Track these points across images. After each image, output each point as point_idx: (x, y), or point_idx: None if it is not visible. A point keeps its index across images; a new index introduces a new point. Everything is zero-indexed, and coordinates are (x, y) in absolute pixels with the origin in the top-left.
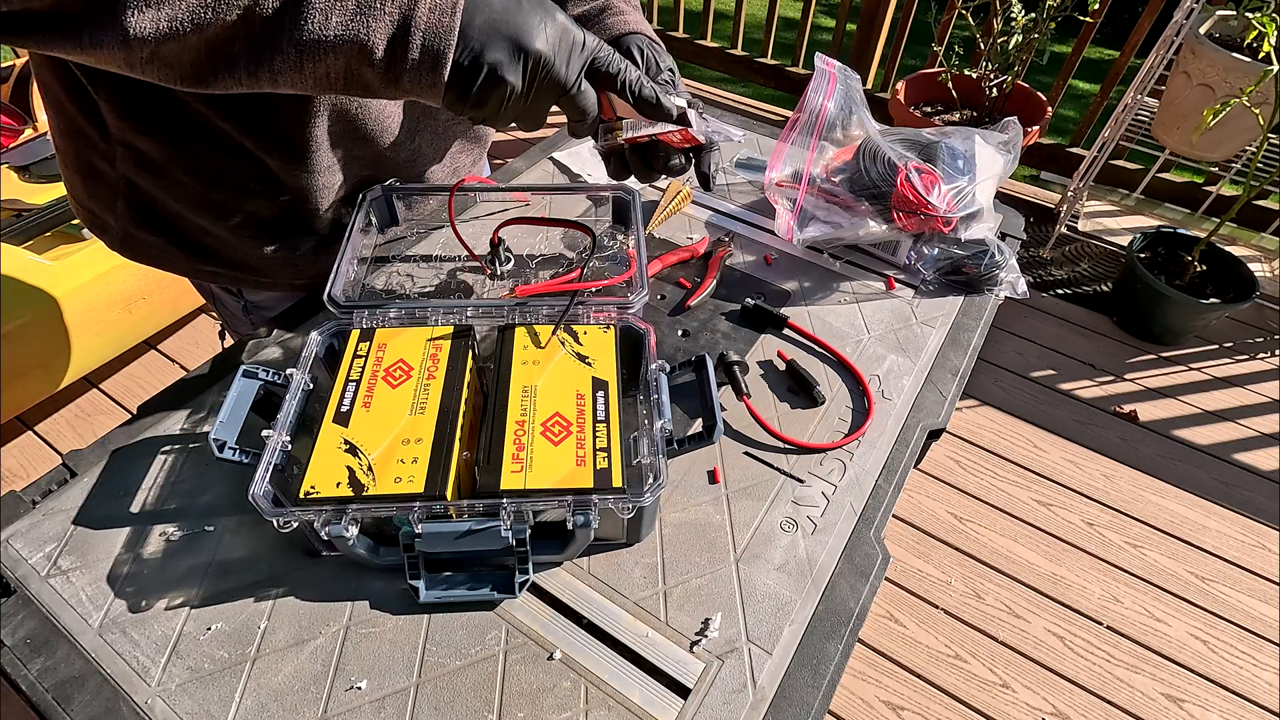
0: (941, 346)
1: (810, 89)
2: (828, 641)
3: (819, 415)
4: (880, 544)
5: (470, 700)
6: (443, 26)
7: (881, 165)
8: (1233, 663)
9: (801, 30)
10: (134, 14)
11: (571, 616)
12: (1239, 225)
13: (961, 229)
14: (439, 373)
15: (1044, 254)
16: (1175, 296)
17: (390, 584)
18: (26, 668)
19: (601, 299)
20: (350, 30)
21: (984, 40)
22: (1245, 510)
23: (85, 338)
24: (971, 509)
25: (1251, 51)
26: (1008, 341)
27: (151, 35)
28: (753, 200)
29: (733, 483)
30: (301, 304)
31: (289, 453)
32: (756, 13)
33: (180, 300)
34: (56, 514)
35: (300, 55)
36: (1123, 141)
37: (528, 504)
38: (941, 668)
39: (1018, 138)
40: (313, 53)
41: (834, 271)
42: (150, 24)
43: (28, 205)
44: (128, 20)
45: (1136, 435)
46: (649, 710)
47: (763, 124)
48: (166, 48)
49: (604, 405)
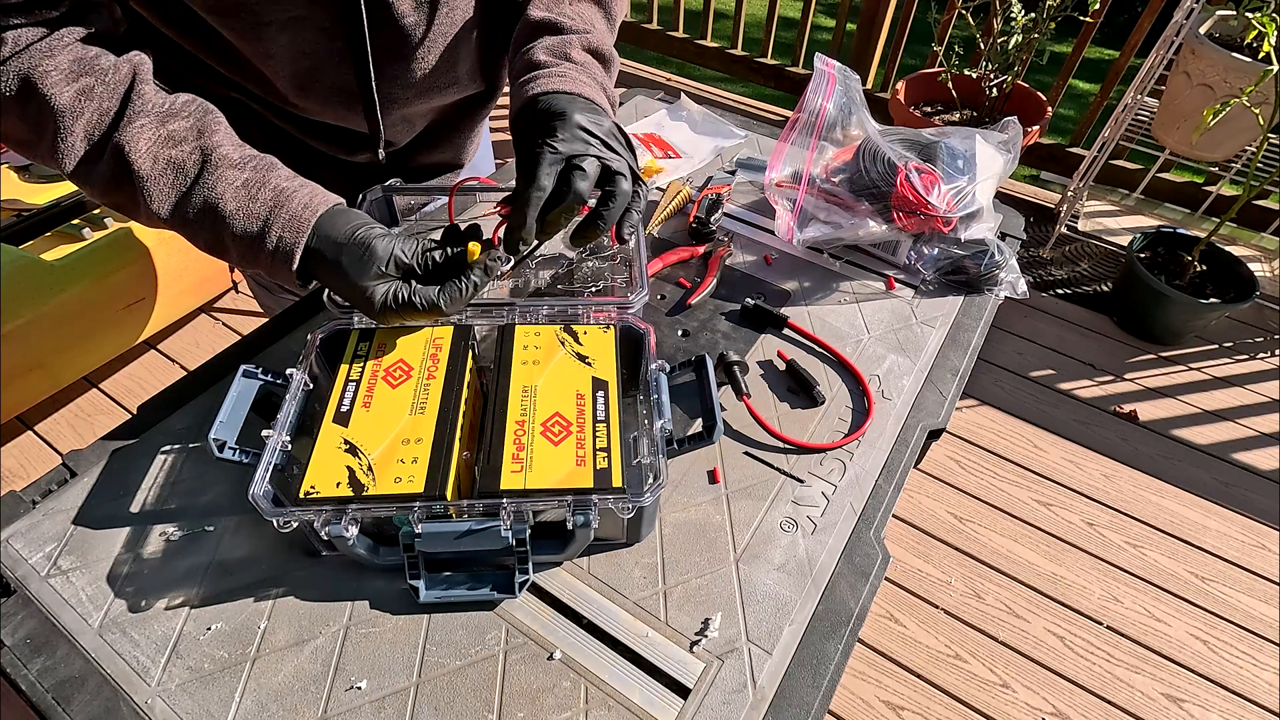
0: (941, 346)
1: (810, 89)
2: (828, 641)
3: (819, 415)
4: (880, 544)
5: (470, 700)
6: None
7: (881, 165)
8: (1233, 663)
9: (801, 30)
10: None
11: (571, 616)
12: (1239, 225)
13: (961, 229)
14: (439, 373)
15: (1044, 254)
16: (1175, 296)
17: (390, 584)
18: (26, 668)
19: (602, 299)
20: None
21: (984, 40)
22: (1245, 510)
23: (85, 338)
24: (971, 509)
25: (1251, 51)
26: (1008, 341)
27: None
28: (753, 200)
29: (733, 483)
30: (302, 304)
31: (289, 453)
32: (756, 12)
33: (180, 300)
34: (56, 514)
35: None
36: (1123, 141)
37: (528, 504)
38: (941, 668)
39: (1018, 138)
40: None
41: (834, 271)
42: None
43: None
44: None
45: (1136, 435)
46: (649, 710)
47: (763, 124)
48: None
49: (604, 405)
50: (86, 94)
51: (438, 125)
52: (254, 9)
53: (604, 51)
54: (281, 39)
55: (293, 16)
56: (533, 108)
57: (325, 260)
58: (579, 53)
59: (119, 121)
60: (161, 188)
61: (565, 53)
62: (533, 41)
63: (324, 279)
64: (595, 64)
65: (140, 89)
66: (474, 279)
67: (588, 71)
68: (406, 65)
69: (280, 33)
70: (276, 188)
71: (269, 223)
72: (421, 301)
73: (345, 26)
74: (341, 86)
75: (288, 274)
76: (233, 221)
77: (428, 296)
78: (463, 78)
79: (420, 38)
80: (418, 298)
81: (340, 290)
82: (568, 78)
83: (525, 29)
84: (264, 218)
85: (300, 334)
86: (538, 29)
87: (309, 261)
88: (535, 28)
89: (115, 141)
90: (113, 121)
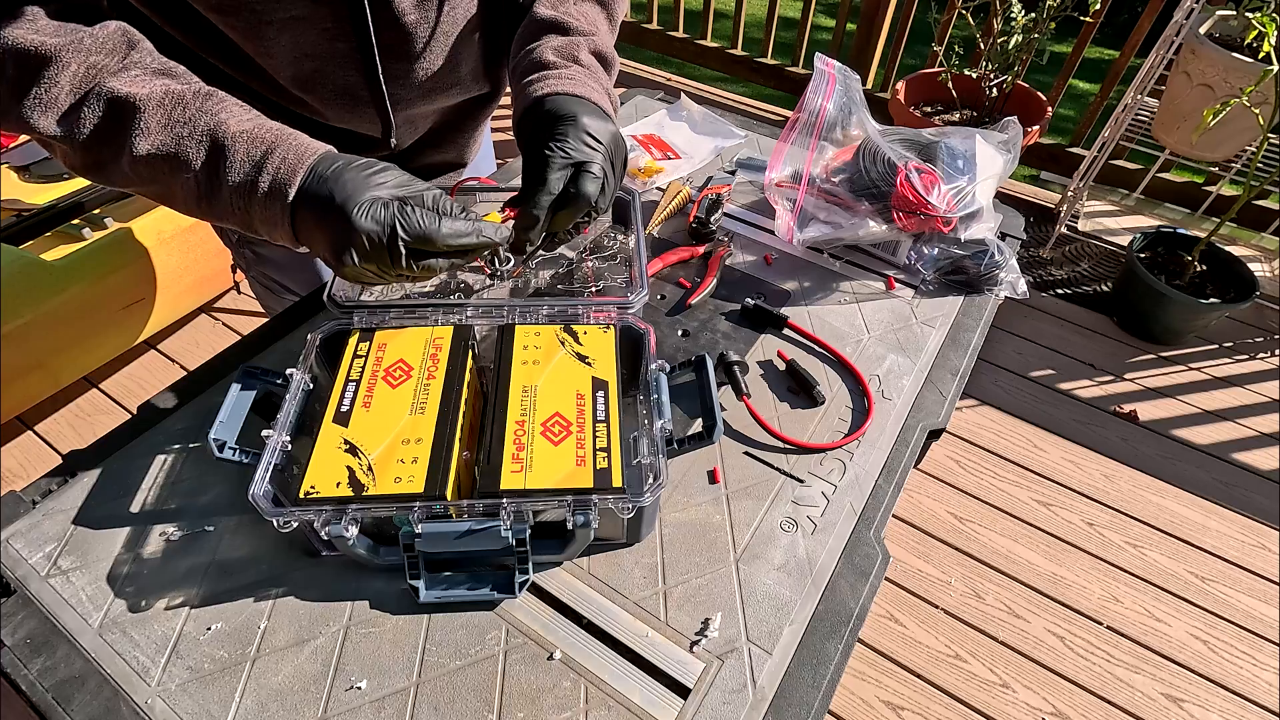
0: (941, 346)
1: (810, 89)
2: (828, 641)
3: (819, 415)
4: (880, 544)
5: (470, 700)
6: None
7: (881, 165)
8: (1233, 663)
9: (801, 30)
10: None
11: (571, 616)
12: (1239, 225)
13: (961, 229)
14: (439, 373)
15: (1044, 254)
16: (1175, 296)
17: (390, 584)
18: (26, 668)
19: (602, 299)
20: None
21: (984, 40)
22: (1245, 510)
23: (85, 338)
24: (971, 509)
25: (1251, 51)
26: (1008, 341)
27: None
28: (753, 200)
29: (733, 483)
30: (301, 304)
31: (289, 453)
32: (756, 12)
33: (180, 300)
34: (56, 514)
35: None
36: (1123, 141)
37: (528, 504)
38: (941, 668)
39: (1018, 138)
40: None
41: (834, 271)
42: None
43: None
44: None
45: (1136, 435)
46: (649, 710)
47: (763, 124)
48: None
49: (604, 405)
50: (75, 46)
51: (441, 125)
52: (255, 7)
53: (607, 55)
54: (283, 39)
55: (293, 16)
56: (539, 108)
57: (323, 181)
58: (587, 55)
59: (114, 72)
60: (159, 117)
61: (574, 55)
62: (538, 40)
63: (315, 210)
64: (600, 68)
65: (140, 47)
66: (489, 235)
67: (594, 76)
68: (409, 66)
69: (281, 33)
70: (279, 125)
71: (273, 146)
72: (418, 222)
73: (348, 27)
74: (346, 88)
75: (280, 207)
76: (234, 146)
77: (425, 221)
78: (465, 78)
79: (422, 37)
80: (418, 216)
81: (326, 215)
82: (576, 81)
83: (531, 26)
84: (270, 141)
85: (300, 334)
86: (543, 27)
87: (303, 201)
88: (541, 26)
89: (108, 87)
90: (105, 73)
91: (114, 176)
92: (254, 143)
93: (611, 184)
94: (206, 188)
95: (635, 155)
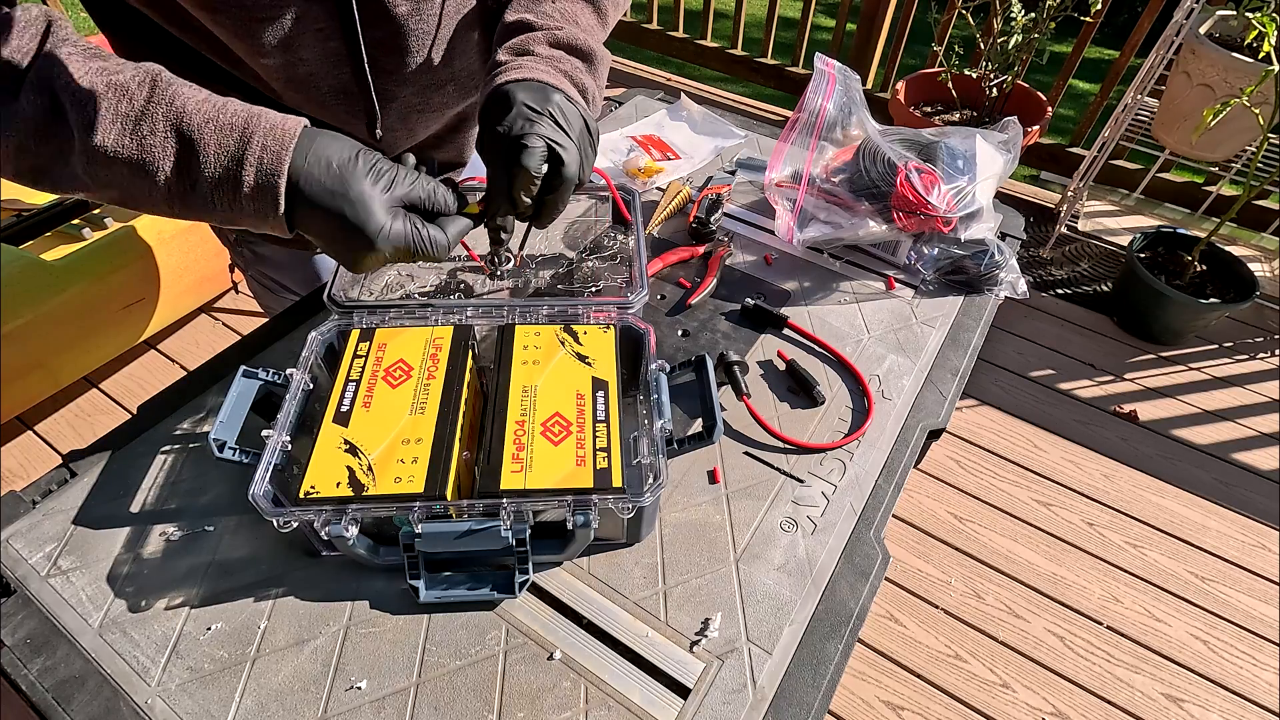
0: (941, 346)
1: (810, 89)
2: (828, 641)
3: (819, 415)
4: (880, 544)
5: (470, 700)
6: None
7: (881, 165)
8: (1233, 663)
9: (801, 30)
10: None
11: (571, 616)
12: (1239, 225)
13: (961, 229)
14: (439, 373)
15: (1044, 254)
16: (1175, 296)
17: (390, 584)
18: (26, 668)
19: (601, 299)
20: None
21: (984, 40)
22: (1245, 510)
23: (85, 338)
24: (971, 509)
25: (1251, 51)
26: (1008, 341)
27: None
28: (753, 200)
29: (733, 483)
30: (301, 304)
31: (289, 453)
32: (756, 12)
33: (180, 300)
34: (56, 514)
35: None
36: (1123, 141)
37: (528, 504)
38: (941, 668)
39: (1018, 137)
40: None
41: (834, 271)
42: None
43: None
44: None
45: (1136, 435)
46: (649, 710)
47: (763, 124)
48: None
49: (604, 405)
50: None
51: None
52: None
53: (579, 45)
54: (273, 38)
55: (284, 15)
56: (483, 107)
57: (319, 181)
58: (542, 47)
59: (39, 53)
60: (104, 112)
61: (525, 48)
62: (500, 45)
63: (315, 193)
64: (565, 56)
65: (60, 24)
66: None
67: (550, 62)
68: (401, 59)
69: (272, 32)
70: (243, 105)
71: (248, 131)
72: (429, 242)
73: (339, 25)
74: (341, 89)
75: (271, 199)
76: (202, 133)
77: (437, 238)
78: (460, 74)
79: (414, 29)
80: (430, 233)
81: (342, 229)
82: (522, 68)
83: (500, 33)
84: (241, 127)
85: (300, 334)
86: (510, 31)
87: (298, 198)
88: (507, 30)
89: (38, 71)
90: (32, 58)
91: (69, 180)
92: (223, 130)
93: (570, 150)
94: (179, 187)
95: (635, 156)
